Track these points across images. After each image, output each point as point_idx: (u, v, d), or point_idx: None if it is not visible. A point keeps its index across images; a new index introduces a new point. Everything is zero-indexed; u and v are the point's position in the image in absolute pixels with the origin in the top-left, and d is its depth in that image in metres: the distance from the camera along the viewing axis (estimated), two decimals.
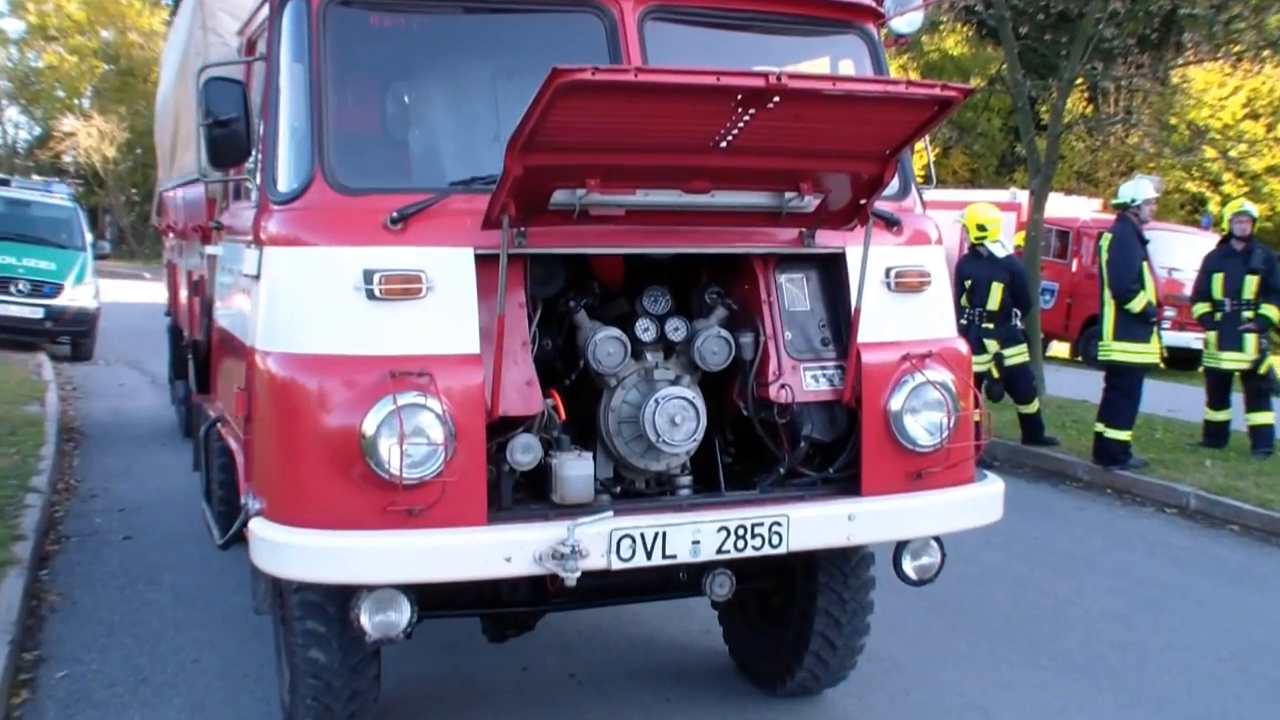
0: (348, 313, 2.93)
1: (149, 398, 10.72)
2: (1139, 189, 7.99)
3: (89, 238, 13.68)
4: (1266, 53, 11.07)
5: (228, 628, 4.77)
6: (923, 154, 4.20)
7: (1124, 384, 8.02)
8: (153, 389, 11.20)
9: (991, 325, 8.51)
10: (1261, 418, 8.55)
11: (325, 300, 2.95)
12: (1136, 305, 7.81)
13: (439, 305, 2.97)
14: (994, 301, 8.46)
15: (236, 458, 3.45)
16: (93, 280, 13.08)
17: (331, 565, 2.83)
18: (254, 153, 3.32)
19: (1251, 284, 8.47)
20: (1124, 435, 8.09)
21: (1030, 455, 8.84)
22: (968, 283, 8.55)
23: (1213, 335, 8.65)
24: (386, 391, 2.83)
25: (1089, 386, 10.58)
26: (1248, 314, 8.47)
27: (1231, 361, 8.53)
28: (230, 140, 3.21)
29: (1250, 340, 8.45)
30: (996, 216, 8.71)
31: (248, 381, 3.15)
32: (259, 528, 2.90)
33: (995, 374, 8.53)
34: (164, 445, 8.48)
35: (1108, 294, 7.95)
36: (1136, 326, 7.85)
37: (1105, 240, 8.10)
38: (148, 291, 20.73)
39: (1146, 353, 7.94)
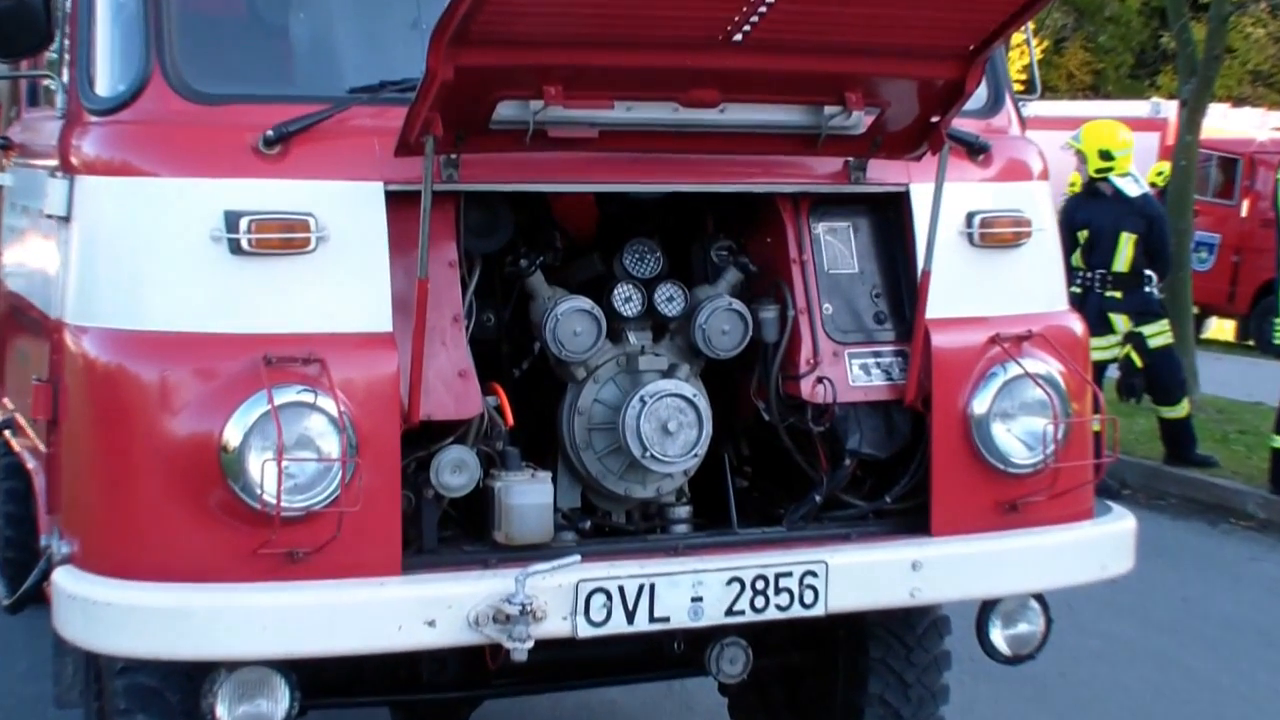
0: (202, 272, 2.98)
1: None
2: None
3: None
4: None
5: None
6: (1023, 51, 4.31)
7: None
8: None
9: (1119, 294, 8.59)
10: None
11: (169, 254, 3.00)
12: None
13: (334, 263, 3.02)
14: (1122, 260, 8.54)
15: (34, 479, 3.49)
16: None
17: (175, 634, 2.87)
18: (58, 38, 3.32)
19: None
20: None
21: (1176, 480, 8.98)
22: (1083, 234, 8.64)
23: None
24: (259, 385, 2.87)
25: (1264, 383, 10.71)
26: None
27: None
28: (19, 18, 3.19)
29: None
30: (1127, 139, 8.80)
31: (53, 370, 3.18)
32: (68, 580, 2.94)
33: (1137, 361, 8.60)
34: None
35: None
36: None
37: None
38: None
39: None
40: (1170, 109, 15.27)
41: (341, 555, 2.93)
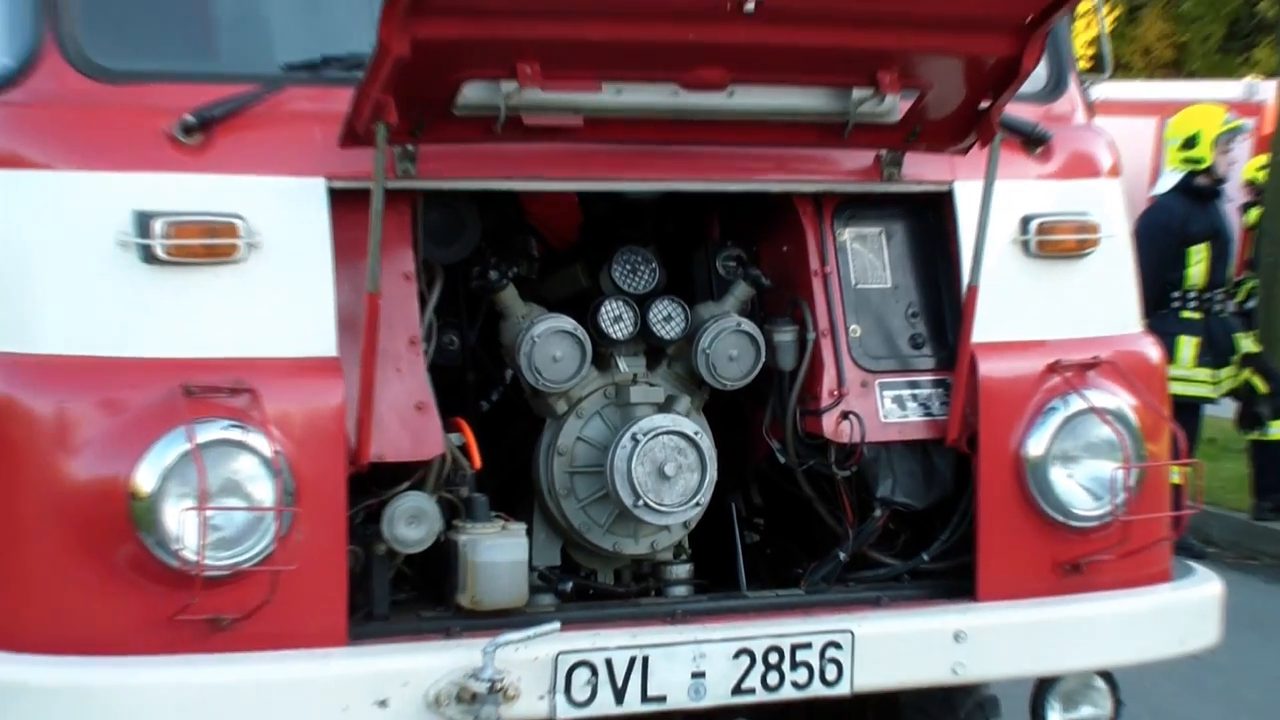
0: (108, 285, 3.01)
1: None
2: None
3: None
4: None
5: None
6: (1090, 21, 4.33)
7: None
8: None
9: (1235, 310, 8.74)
10: None
11: (68, 263, 3.03)
12: None
13: (267, 274, 3.06)
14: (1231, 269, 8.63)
15: None
16: None
17: (74, 718, 2.87)
18: None
19: None
20: None
21: (1272, 537, 8.96)
22: (1200, 248, 8.52)
23: None
24: (177, 420, 2.89)
25: None
26: None
27: None
28: None
29: None
30: (1224, 122, 8.60)
31: None
32: None
33: (1261, 386, 8.68)
34: None
35: None
36: None
37: None
38: None
39: None
40: (1269, 90, 15.24)
41: (275, 622, 2.94)
